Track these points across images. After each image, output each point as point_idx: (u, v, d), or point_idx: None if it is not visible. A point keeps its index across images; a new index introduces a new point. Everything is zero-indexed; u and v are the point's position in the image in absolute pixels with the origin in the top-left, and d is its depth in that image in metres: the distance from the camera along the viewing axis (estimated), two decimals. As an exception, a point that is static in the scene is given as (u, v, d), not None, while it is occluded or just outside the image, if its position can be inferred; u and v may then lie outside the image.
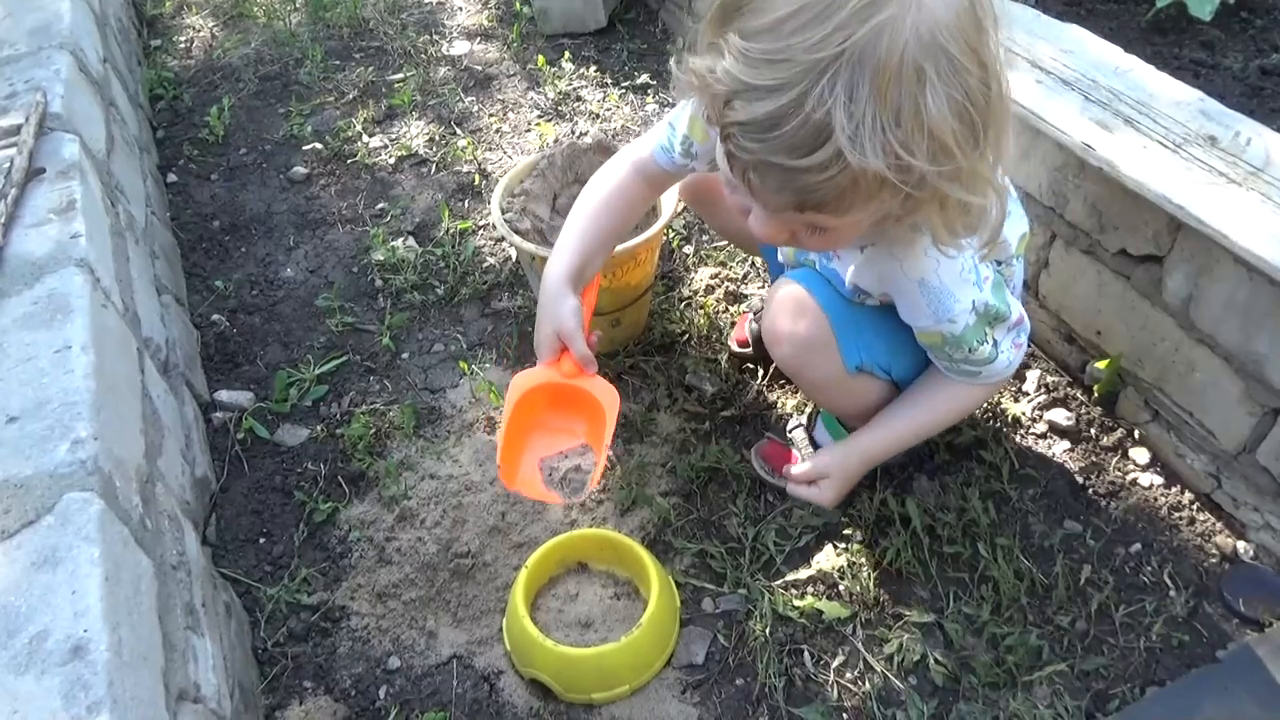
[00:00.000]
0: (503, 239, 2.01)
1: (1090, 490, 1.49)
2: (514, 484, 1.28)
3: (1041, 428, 1.58)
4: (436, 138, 2.39)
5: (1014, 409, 1.60)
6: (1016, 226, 1.28)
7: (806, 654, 1.32)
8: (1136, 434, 1.55)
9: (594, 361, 1.29)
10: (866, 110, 0.83)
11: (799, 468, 1.33)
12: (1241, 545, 1.40)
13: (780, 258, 1.44)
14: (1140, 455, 1.53)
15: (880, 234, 1.11)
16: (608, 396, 1.26)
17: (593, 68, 2.59)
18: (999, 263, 1.23)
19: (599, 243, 1.37)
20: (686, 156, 1.33)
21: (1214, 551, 1.40)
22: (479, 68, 2.65)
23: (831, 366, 1.28)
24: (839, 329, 1.26)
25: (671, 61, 0.97)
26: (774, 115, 0.85)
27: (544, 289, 1.32)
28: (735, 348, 1.74)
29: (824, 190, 0.89)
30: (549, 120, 2.42)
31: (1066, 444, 1.56)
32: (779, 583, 1.40)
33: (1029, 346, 1.66)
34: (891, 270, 1.14)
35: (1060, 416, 1.58)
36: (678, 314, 1.83)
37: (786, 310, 1.28)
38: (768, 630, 1.34)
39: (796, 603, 1.37)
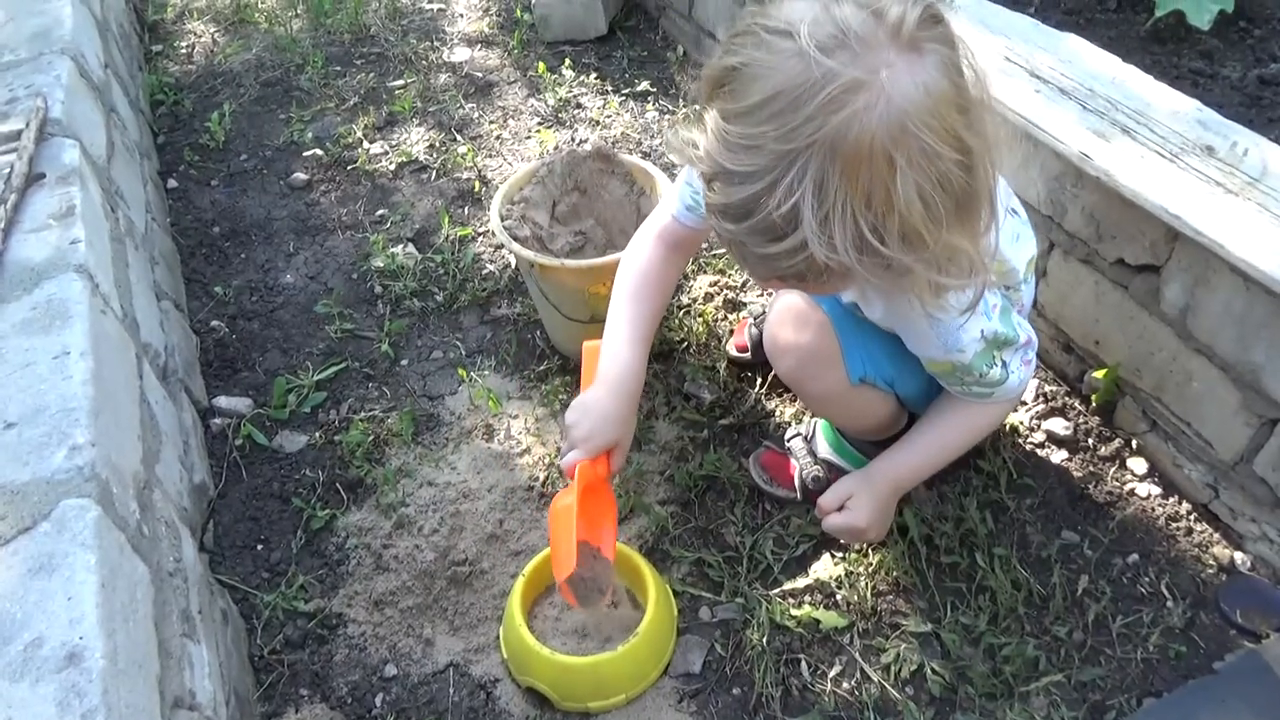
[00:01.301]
0: (502, 246, 2.01)
1: (1088, 500, 1.49)
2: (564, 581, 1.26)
3: (1039, 437, 1.58)
4: (437, 144, 2.39)
5: (1012, 418, 1.60)
6: (1025, 250, 1.28)
7: (803, 663, 1.32)
8: (1134, 444, 1.55)
9: (619, 470, 1.33)
10: (837, 197, 0.85)
11: (825, 496, 1.33)
12: (1239, 556, 1.40)
13: None
14: (1138, 465, 1.53)
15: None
16: (612, 510, 1.30)
17: (593, 75, 2.60)
18: (1006, 288, 1.23)
19: (649, 337, 1.37)
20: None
21: (1211, 562, 1.40)
22: (479, 74, 2.66)
23: (835, 378, 1.28)
24: (844, 339, 1.26)
25: (666, 125, 0.99)
26: (746, 202, 0.88)
27: (613, 393, 1.30)
28: (734, 353, 1.74)
29: (798, 269, 0.91)
30: (549, 127, 2.42)
31: (1064, 453, 1.56)
32: (776, 592, 1.40)
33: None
34: (900, 304, 1.14)
35: (1058, 426, 1.58)
36: (676, 322, 1.83)
37: (790, 321, 1.28)
38: (765, 639, 1.34)
39: (794, 612, 1.37)
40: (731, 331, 1.80)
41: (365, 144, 2.41)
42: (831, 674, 1.31)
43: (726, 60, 0.91)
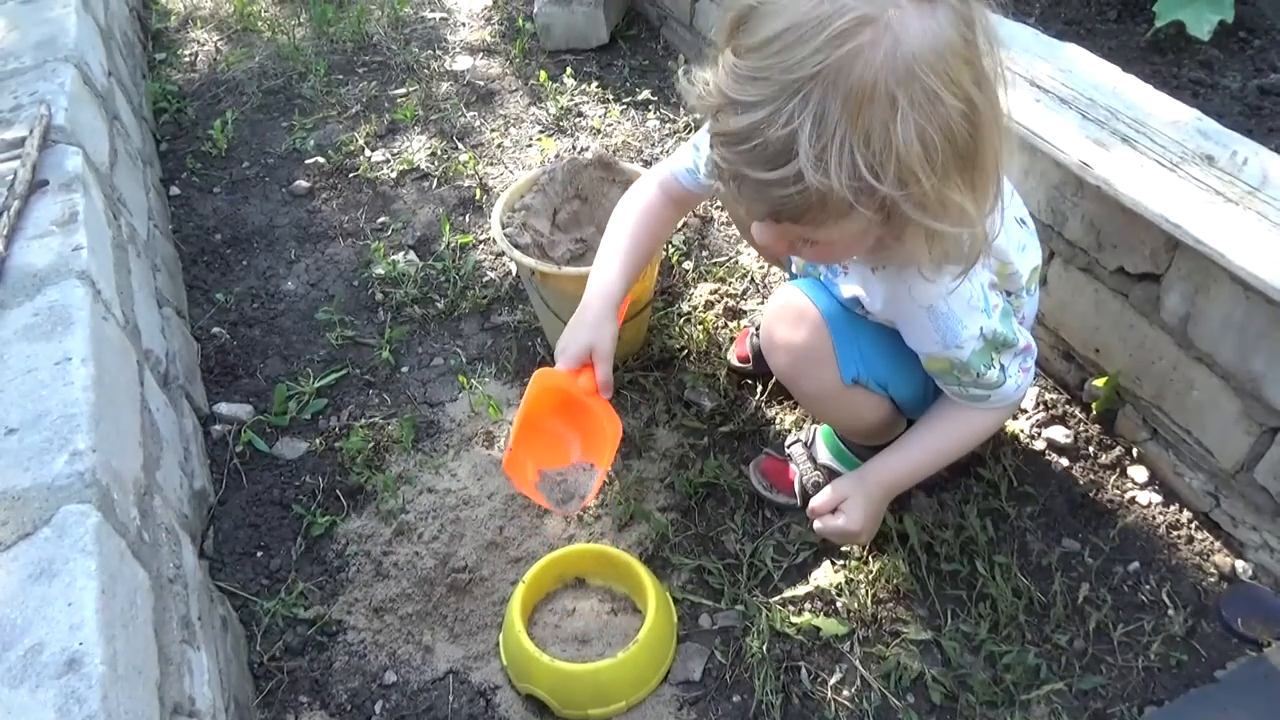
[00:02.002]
0: (503, 253, 2.01)
1: (1089, 508, 1.49)
2: (514, 474, 1.29)
3: (1040, 445, 1.58)
4: (438, 152, 2.40)
5: (1012, 426, 1.60)
6: (1030, 259, 1.28)
7: (804, 671, 1.32)
8: (1135, 452, 1.55)
9: (611, 387, 1.32)
10: (836, 131, 0.86)
11: (817, 499, 1.33)
12: (1240, 564, 1.40)
13: (794, 267, 1.44)
14: (1139, 473, 1.53)
15: (887, 256, 1.12)
16: (614, 425, 1.28)
17: (594, 83, 2.61)
18: (1008, 293, 1.23)
19: (636, 266, 1.42)
20: (711, 177, 1.35)
21: (1212, 570, 1.40)
22: (481, 83, 2.67)
23: (828, 377, 1.28)
24: (838, 339, 1.26)
25: (680, 73, 1.00)
26: (747, 129, 0.89)
27: (588, 305, 1.35)
28: (735, 363, 1.74)
29: (793, 204, 0.92)
30: (550, 135, 2.43)
31: (1065, 461, 1.56)
32: (776, 599, 1.40)
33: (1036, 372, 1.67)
34: (900, 295, 1.15)
35: (1059, 434, 1.58)
36: (677, 329, 1.84)
37: (785, 318, 1.29)
38: (765, 647, 1.34)
39: (794, 619, 1.37)
40: (732, 340, 1.80)
41: (367, 152, 2.42)
42: (832, 682, 1.31)
43: (746, 1, 0.92)
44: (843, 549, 1.44)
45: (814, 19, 0.86)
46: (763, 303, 1.90)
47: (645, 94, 2.53)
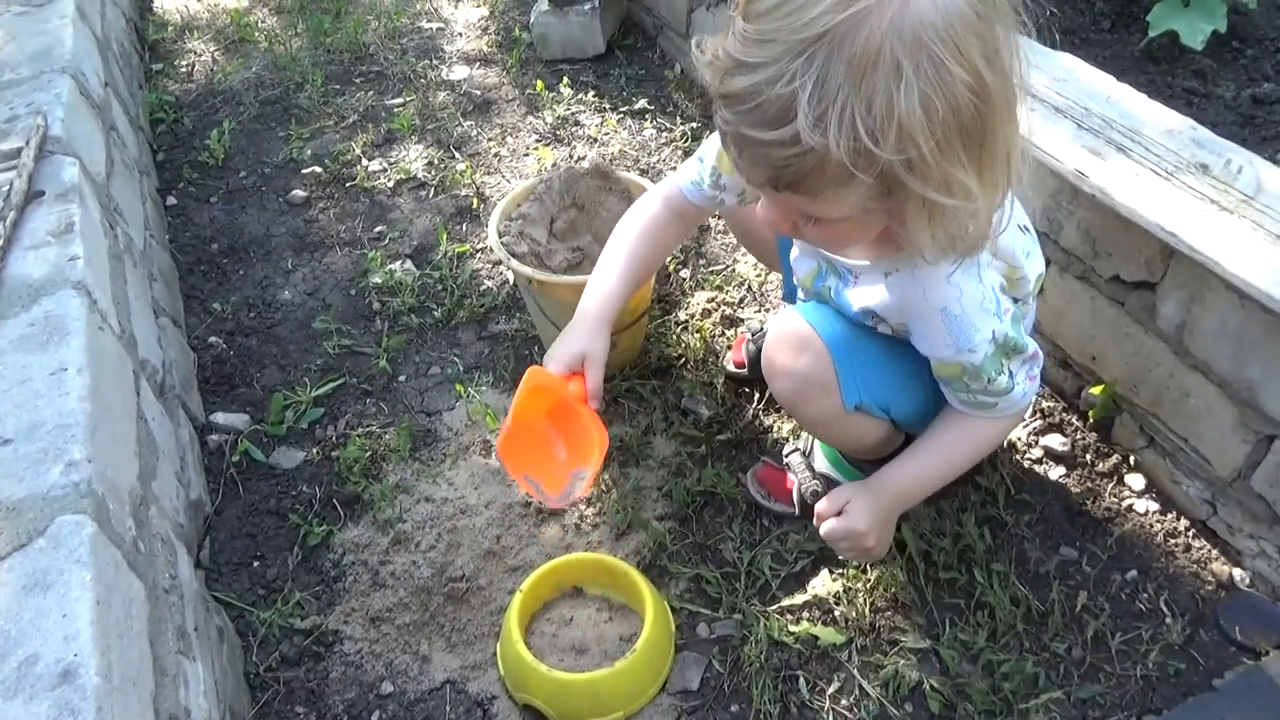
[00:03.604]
0: (500, 262, 2.01)
1: (1086, 516, 1.49)
2: (508, 459, 1.30)
3: (1037, 453, 1.58)
4: (435, 162, 2.40)
5: (1010, 434, 1.60)
6: (1035, 265, 1.29)
7: (802, 680, 1.32)
8: (1132, 460, 1.55)
9: (601, 397, 1.32)
10: (838, 94, 0.86)
11: (822, 503, 1.31)
12: (1237, 572, 1.40)
13: (795, 280, 1.44)
14: (1136, 481, 1.53)
15: (893, 251, 1.12)
16: (601, 433, 1.27)
17: (591, 93, 2.61)
18: (1016, 300, 1.24)
19: (636, 280, 1.43)
20: (715, 188, 1.36)
21: (1210, 579, 1.40)
22: (478, 92, 2.67)
23: (830, 404, 1.27)
24: (840, 366, 1.25)
25: (693, 43, 1.00)
26: (749, 89, 0.90)
27: (583, 313, 1.36)
28: (732, 369, 1.74)
29: (792, 168, 0.92)
30: (547, 145, 2.43)
31: (1062, 469, 1.56)
32: (774, 608, 1.40)
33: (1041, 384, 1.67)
34: (914, 297, 1.14)
35: (1056, 442, 1.58)
36: (674, 338, 1.84)
37: (788, 345, 1.28)
38: (763, 656, 1.33)
39: (792, 628, 1.36)
40: (729, 347, 1.80)
41: (364, 161, 2.42)
42: (830, 691, 1.30)
43: None
44: (843, 559, 1.43)
45: None
46: (760, 310, 1.90)
47: (642, 103, 2.54)
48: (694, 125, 2.43)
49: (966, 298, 1.12)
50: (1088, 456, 1.57)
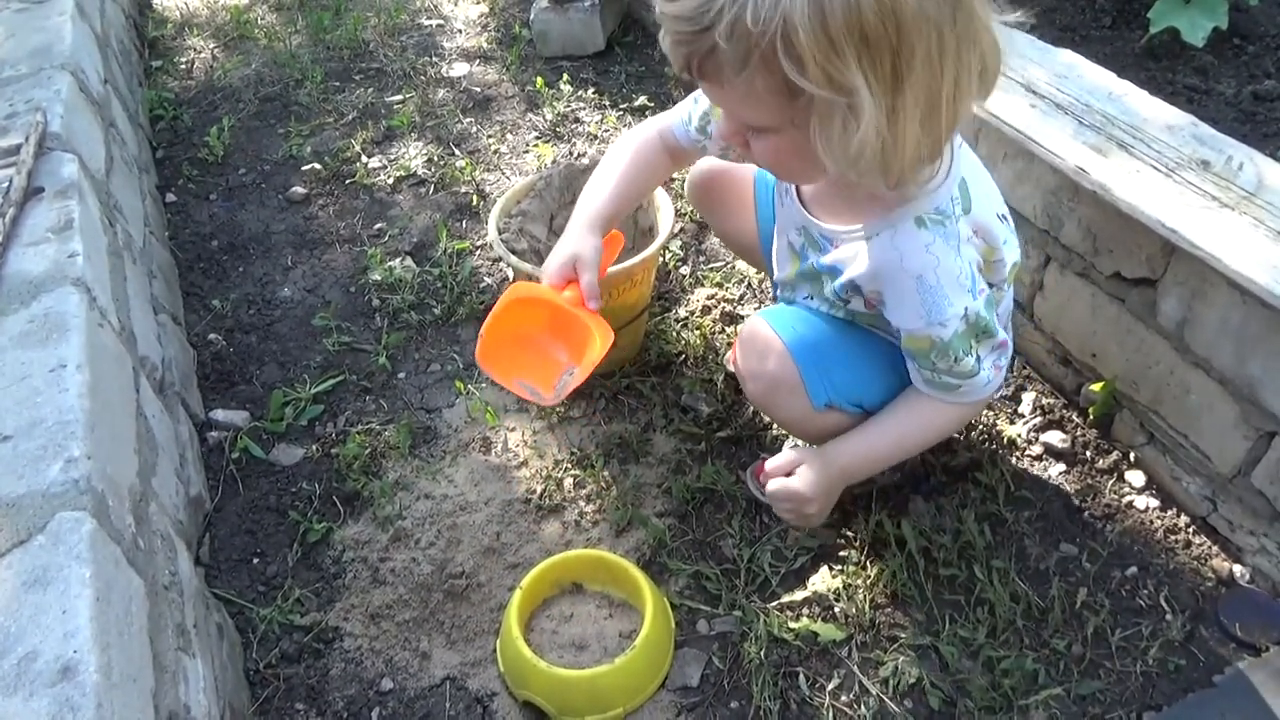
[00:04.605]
0: (500, 259, 2.01)
1: (1086, 513, 1.49)
2: (488, 364, 1.30)
3: (1037, 450, 1.58)
4: (435, 158, 2.40)
5: (1009, 431, 1.60)
6: (1011, 253, 1.29)
7: (801, 676, 1.32)
8: (1132, 456, 1.55)
9: (598, 296, 1.34)
10: None
11: (774, 460, 1.34)
12: (1238, 569, 1.40)
13: (776, 275, 1.44)
14: (1136, 478, 1.53)
15: (877, 214, 1.15)
16: (604, 331, 1.28)
17: (591, 90, 2.61)
18: (990, 285, 1.24)
19: (625, 196, 1.46)
20: (702, 134, 1.40)
21: (1210, 575, 1.40)
22: (478, 89, 2.67)
23: (799, 404, 1.29)
24: (804, 369, 1.27)
25: None
26: None
27: (572, 224, 1.40)
28: (731, 367, 1.74)
29: (694, 48, 0.98)
30: (547, 141, 2.43)
31: (1062, 466, 1.56)
32: (774, 605, 1.40)
33: (1013, 371, 1.68)
34: (891, 262, 1.15)
35: (1056, 439, 1.58)
36: (674, 335, 1.84)
37: (753, 350, 1.31)
38: (763, 652, 1.33)
39: (792, 625, 1.36)
40: (729, 345, 1.80)
41: (363, 158, 2.42)
42: (830, 687, 1.30)
43: None
44: (842, 553, 1.43)
45: None
46: (759, 307, 1.90)
47: (642, 100, 2.53)
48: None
49: (943, 269, 1.13)
50: (1088, 453, 1.57)
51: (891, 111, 0.96)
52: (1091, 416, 1.59)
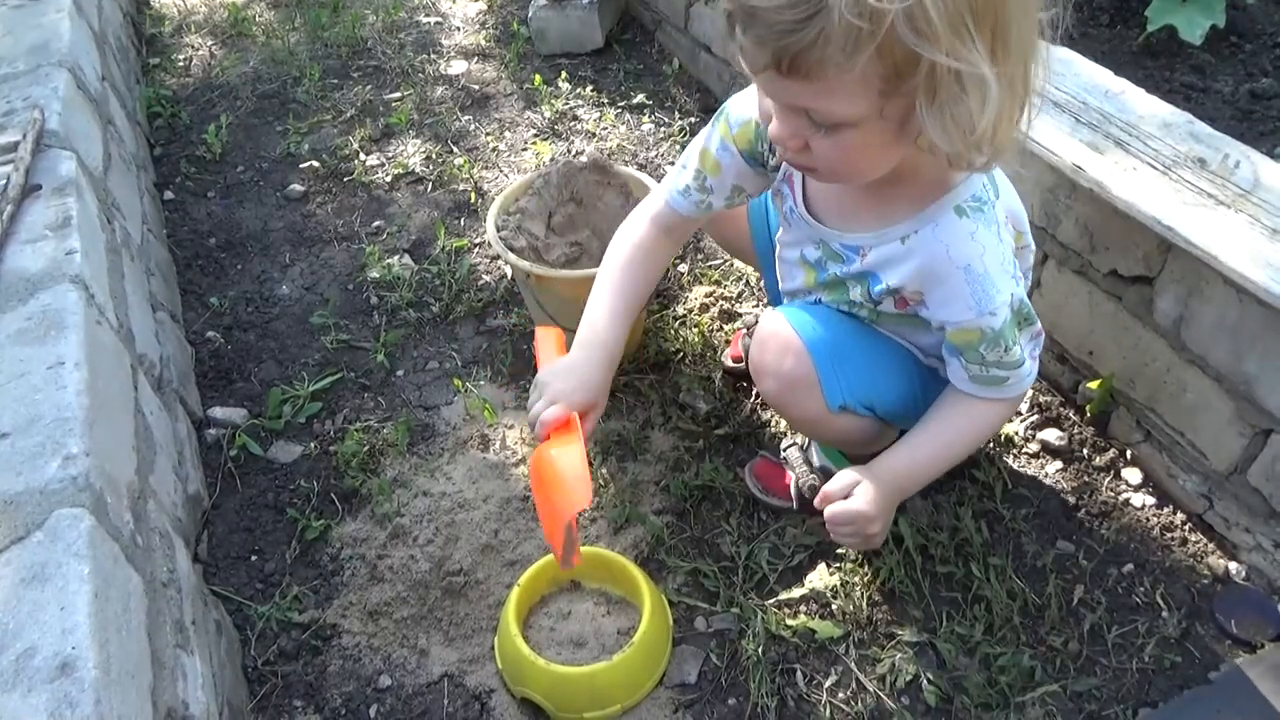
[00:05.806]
0: (498, 257, 2.01)
1: (1083, 510, 1.49)
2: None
3: (1034, 447, 1.59)
4: (433, 156, 2.40)
5: (1006, 428, 1.60)
6: (1032, 241, 1.29)
7: (799, 673, 1.32)
8: (1129, 454, 1.55)
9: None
10: None
11: (829, 485, 1.26)
12: (1233, 566, 1.40)
13: (783, 286, 1.43)
14: (1132, 475, 1.53)
15: (910, 211, 1.12)
16: (585, 487, 1.16)
17: (589, 87, 2.61)
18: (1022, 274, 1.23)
19: (629, 310, 1.36)
20: (702, 191, 1.33)
21: (1206, 572, 1.40)
22: (476, 87, 2.67)
23: (815, 404, 1.28)
24: (822, 369, 1.26)
25: None
26: None
27: (586, 356, 1.29)
28: (729, 363, 1.74)
29: (795, 35, 0.90)
30: (545, 139, 2.43)
31: (1059, 464, 1.56)
32: (772, 602, 1.40)
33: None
34: (937, 255, 1.13)
35: (1053, 436, 1.58)
36: (672, 332, 1.84)
37: (772, 348, 1.29)
38: (760, 649, 1.34)
39: (789, 622, 1.37)
40: (728, 342, 1.80)
41: (362, 156, 2.41)
42: (827, 684, 1.31)
43: None
44: (839, 550, 1.44)
45: None
46: (758, 305, 1.90)
47: (640, 98, 2.53)
48: (692, 120, 2.42)
49: (989, 255, 1.11)
50: (1085, 451, 1.58)
51: (1009, 81, 0.95)
52: (1088, 414, 1.60)
